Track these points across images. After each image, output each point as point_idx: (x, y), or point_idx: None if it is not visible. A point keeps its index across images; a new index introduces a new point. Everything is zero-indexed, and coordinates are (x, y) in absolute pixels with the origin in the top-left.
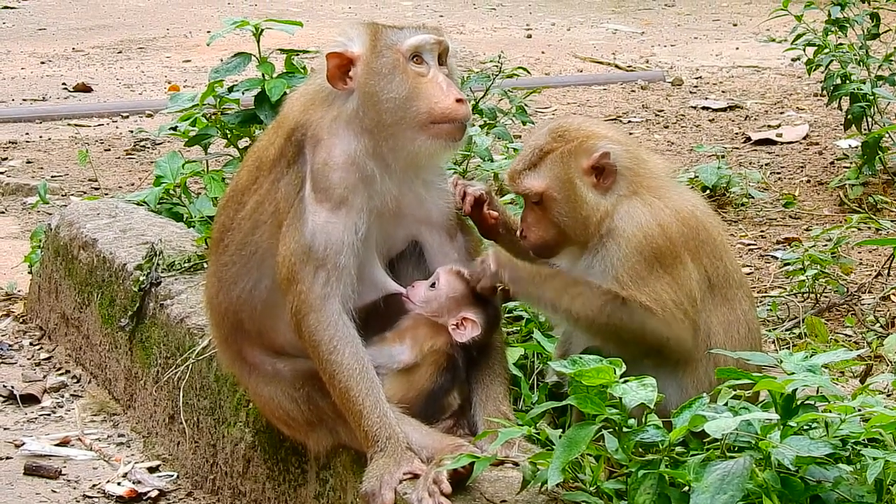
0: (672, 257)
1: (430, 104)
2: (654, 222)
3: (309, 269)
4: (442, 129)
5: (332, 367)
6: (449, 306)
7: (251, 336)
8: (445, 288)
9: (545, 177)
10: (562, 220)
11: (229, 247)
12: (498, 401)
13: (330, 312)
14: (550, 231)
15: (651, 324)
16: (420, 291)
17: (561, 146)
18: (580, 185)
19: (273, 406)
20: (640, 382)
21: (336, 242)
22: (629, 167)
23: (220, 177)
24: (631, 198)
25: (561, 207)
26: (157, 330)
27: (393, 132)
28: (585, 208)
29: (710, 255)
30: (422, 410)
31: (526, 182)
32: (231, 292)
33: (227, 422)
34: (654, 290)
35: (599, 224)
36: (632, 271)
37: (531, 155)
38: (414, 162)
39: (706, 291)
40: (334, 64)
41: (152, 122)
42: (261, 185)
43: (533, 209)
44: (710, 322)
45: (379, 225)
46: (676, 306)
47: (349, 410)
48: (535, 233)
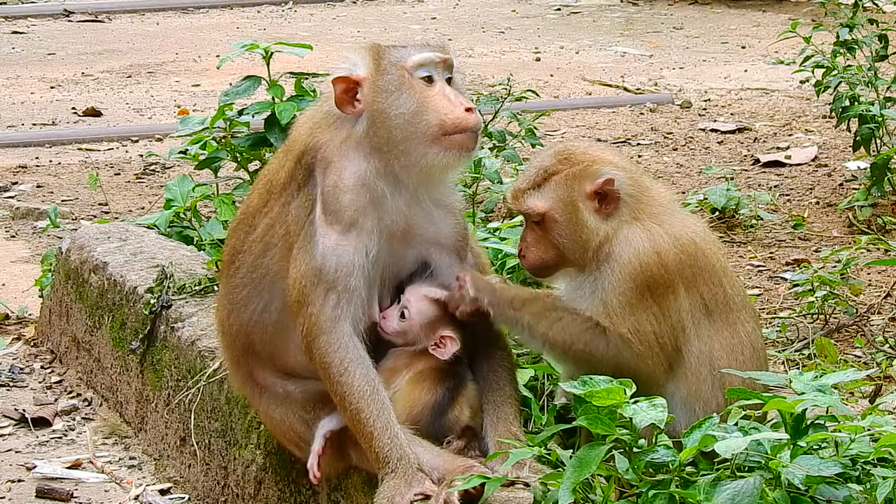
0: (665, 286)
1: (440, 116)
2: (652, 250)
3: (319, 292)
4: (455, 140)
5: (342, 388)
6: (425, 332)
7: (262, 358)
8: (417, 317)
9: (548, 198)
10: (561, 242)
11: (240, 269)
12: (508, 422)
13: (340, 334)
14: (549, 252)
15: (626, 356)
16: (392, 323)
17: (566, 169)
18: (582, 209)
19: (284, 428)
20: (650, 403)
21: (347, 264)
22: (632, 194)
23: (230, 200)
24: (632, 224)
25: (561, 229)
26: (168, 353)
27: (404, 149)
28: (585, 232)
29: (708, 281)
30: (430, 425)
31: (528, 202)
32: (242, 315)
33: (239, 444)
34: (638, 320)
35: (598, 248)
36: (622, 298)
37: (536, 175)
38: (428, 177)
39: (703, 318)
40: (341, 88)
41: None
42: (271, 207)
43: (533, 229)
44: (711, 347)
45: (389, 246)
46: (656, 339)
47: (360, 432)
48: (534, 253)
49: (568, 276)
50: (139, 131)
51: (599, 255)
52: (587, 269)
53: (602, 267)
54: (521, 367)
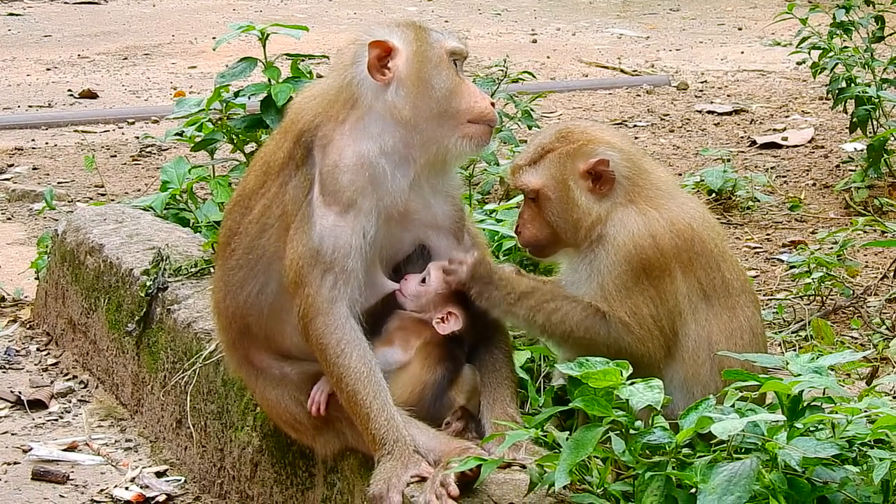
0: (661, 270)
1: (470, 103)
2: (647, 232)
3: (316, 273)
4: (476, 130)
5: (339, 370)
6: (436, 301)
7: (258, 340)
8: (435, 283)
9: (542, 175)
10: (554, 221)
11: (236, 251)
12: (505, 404)
13: (337, 315)
14: (544, 230)
15: (627, 340)
16: (412, 285)
17: (562, 147)
18: (574, 188)
19: (280, 410)
20: (646, 385)
21: (344, 246)
22: (628, 176)
23: (226, 181)
24: (626, 206)
25: (554, 207)
26: (164, 335)
27: (430, 125)
28: (577, 211)
29: (706, 266)
30: (428, 405)
31: (524, 178)
32: (238, 296)
33: (235, 426)
34: (635, 303)
35: (590, 229)
36: (618, 281)
37: (533, 152)
38: (441, 159)
39: (700, 303)
40: (375, 54)
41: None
42: (268, 188)
43: (529, 206)
44: (710, 331)
45: (386, 228)
46: (654, 323)
47: (356, 413)
48: (530, 230)
49: (566, 256)
50: (135, 113)
51: (592, 235)
52: (581, 250)
53: (596, 249)
54: (517, 349)
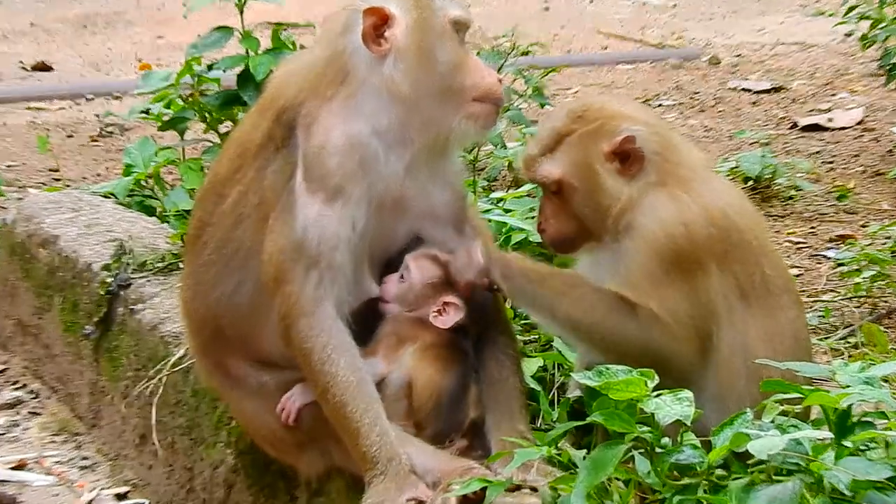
0: (694, 263)
1: (476, 78)
2: (679, 220)
3: (299, 269)
4: (481, 110)
5: (325, 378)
6: (425, 294)
7: (233, 345)
8: (417, 275)
9: (563, 162)
10: (582, 212)
11: (208, 244)
12: (513, 418)
13: (323, 317)
14: (571, 224)
15: (658, 337)
16: (391, 287)
17: (580, 128)
18: (601, 172)
19: (258, 424)
20: (674, 396)
21: (331, 238)
22: (658, 152)
23: (197, 165)
24: (657, 189)
25: (581, 197)
26: (127, 338)
27: (431, 103)
28: (606, 197)
29: (743, 260)
30: (445, 415)
31: (542, 169)
32: (210, 295)
33: (206, 442)
34: (667, 296)
35: (620, 216)
36: (647, 273)
37: (547, 138)
38: (442, 141)
39: (736, 302)
40: (371, 22)
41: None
42: (244, 173)
43: (551, 199)
44: (746, 335)
45: (378, 218)
46: (689, 319)
47: (345, 428)
48: (554, 226)
49: (589, 250)
50: (95, 88)
51: (620, 224)
52: (606, 239)
53: (624, 239)
54: (527, 356)
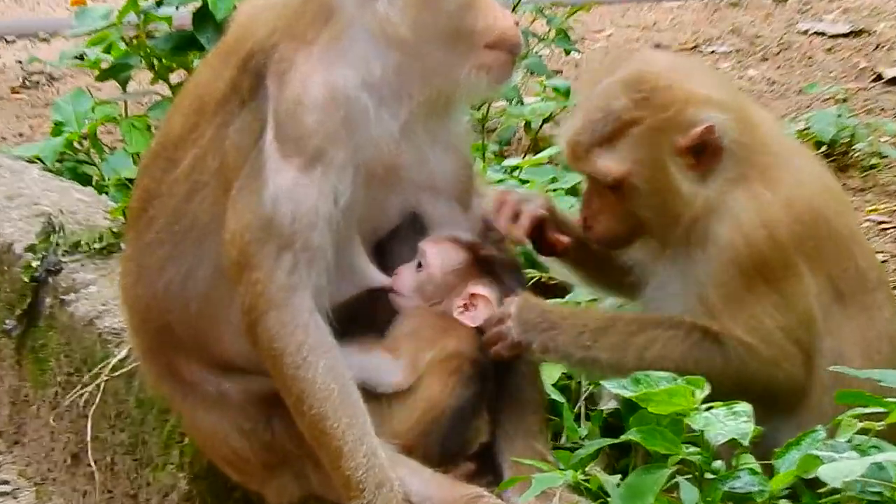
0: (781, 268)
1: (489, 20)
2: (760, 223)
3: (269, 251)
4: (494, 59)
5: (299, 386)
6: (448, 285)
7: (186, 344)
8: (437, 263)
9: (626, 158)
10: (643, 214)
11: (156, 220)
12: (530, 435)
13: (298, 310)
14: (626, 223)
15: (754, 365)
16: (406, 278)
17: (648, 116)
18: (673, 171)
19: (218, 441)
20: (728, 410)
21: (308, 213)
22: (739, 140)
23: (143, 124)
24: (735, 187)
25: (644, 199)
26: (57, 336)
27: (435, 50)
28: (678, 201)
29: (836, 255)
30: (445, 439)
31: (600, 163)
32: (158, 283)
33: (154, 463)
34: (754, 316)
35: (693, 223)
36: (728, 293)
37: (605, 123)
38: (446, 96)
39: (832, 305)
40: None
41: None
42: (202, 133)
43: (603, 195)
44: (841, 341)
45: (366, 190)
46: (786, 336)
47: (324, 446)
48: (604, 224)
49: (647, 249)
50: (17, 29)
51: (692, 232)
52: (673, 245)
53: (692, 250)
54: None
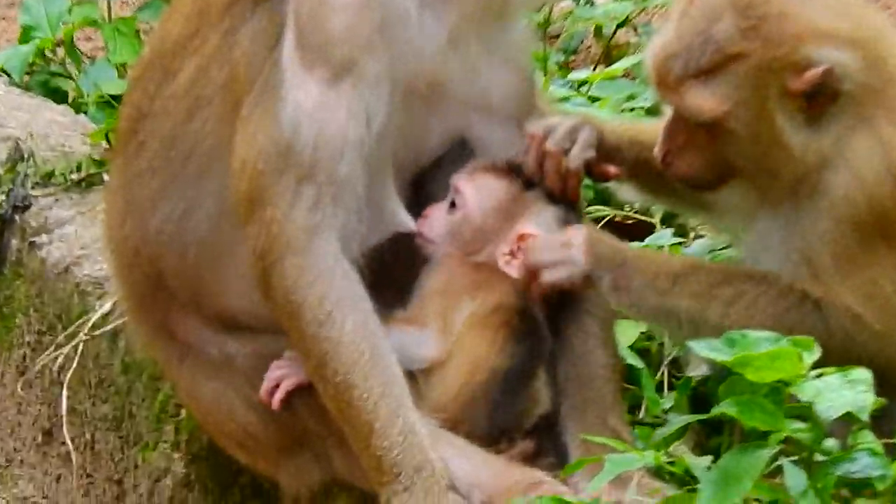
0: None
1: None
2: (885, 171)
3: (287, 183)
4: None
5: (322, 347)
6: (490, 228)
7: (184, 296)
8: (474, 201)
9: (725, 97)
10: (740, 162)
11: (148, 145)
12: (602, 408)
13: (320, 256)
14: (715, 167)
15: (861, 339)
16: (437, 221)
17: (756, 51)
18: (780, 117)
19: (221, 415)
20: (843, 377)
21: (334, 137)
22: (864, 82)
23: (131, 28)
24: (857, 131)
25: (744, 146)
26: (25, 286)
27: None
28: (784, 153)
29: None
30: (496, 410)
31: (692, 98)
32: (149, 222)
33: (143, 442)
34: (870, 280)
35: (803, 176)
36: (841, 254)
37: (703, 52)
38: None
39: None
40: None
41: None
42: (205, 39)
43: (692, 131)
44: None
45: (406, 111)
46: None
47: (351, 421)
48: (688, 163)
49: (740, 193)
50: None
51: (801, 183)
52: (774, 195)
53: (803, 203)
54: (623, 318)
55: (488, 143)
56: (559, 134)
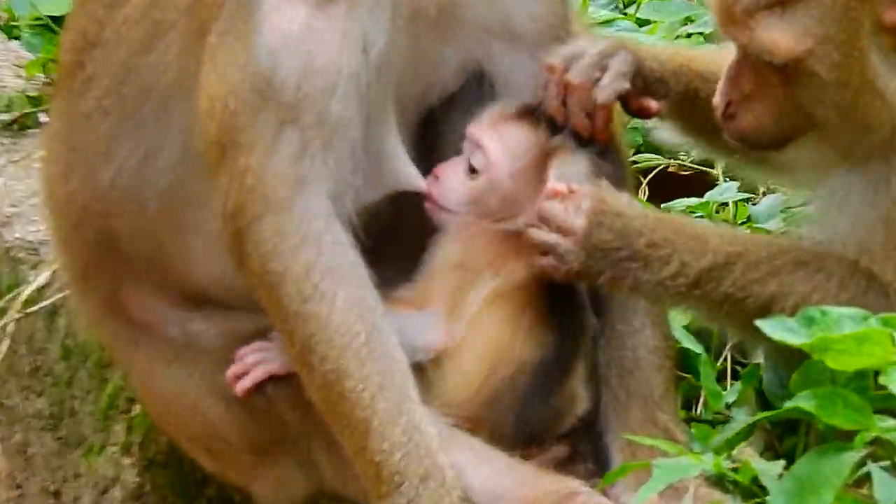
0: None
1: None
2: None
3: (266, 125)
4: None
5: (308, 328)
6: (523, 190)
7: (140, 265)
8: (502, 160)
9: (806, 33)
10: (821, 113)
11: (97, 80)
12: (650, 402)
13: (306, 215)
14: (787, 119)
15: None
16: (453, 185)
17: None
18: (874, 58)
19: (184, 411)
20: None
21: (324, 70)
22: None
23: None
24: None
25: (827, 92)
26: None
27: None
28: (879, 100)
29: None
30: (523, 410)
31: (766, 33)
32: (99, 174)
33: (87, 444)
34: None
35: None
36: None
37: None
38: None
39: None
40: None
41: None
42: None
43: (763, 76)
44: None
45: (411, 37)
46: None
47: (343, 419)
48: (756, 115)
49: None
50: None
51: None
52: (857, 154)
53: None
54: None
55: (512, 79)
56: (585, 62)
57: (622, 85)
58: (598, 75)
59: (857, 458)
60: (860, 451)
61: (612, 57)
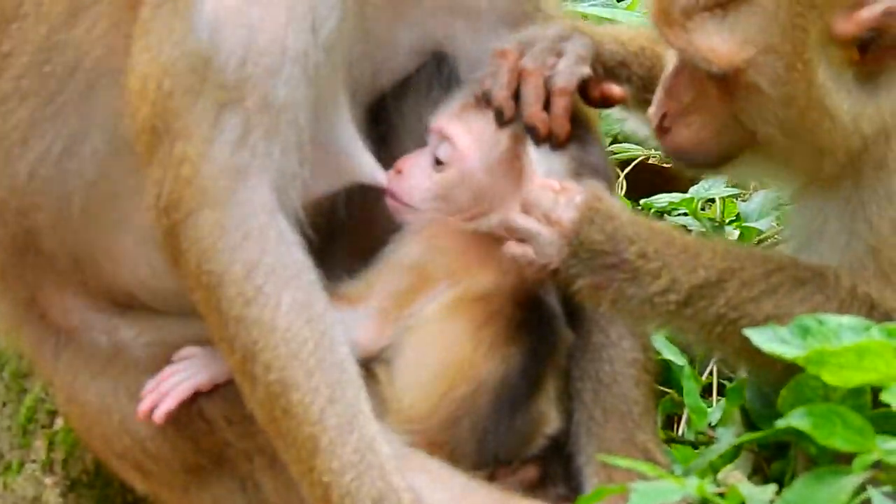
0: None
1: None
2: None
3: (204, 109)
4: None
5: (249, 334)
6: (499, 185)
7: (62, 265)
8: (473, 152)
9: (748, 40)
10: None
11: (14, 60)
12: (628, 420)
13: (249, 210)
14: (727, 135)
15: None
16: (418, 181)
17: None
18: (824, 71)
19: (111, 427)
20: None
21: (268, 48)
22: None
23: None
24: None
25: (769, 107)
26: None
27: None
28: (828, 119)
29: None
30: (488, 429)
31: (704, 39)
32: (16, 164)
33: (4, 462)
34: None
35: (861, 150)
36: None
37: None
38: None
39: None
40: None
41: None
42: None
43: (701, 86)
44: None
45: (361, 17)
46: None
47: (289, 435)
48: (692, 130)
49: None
50: None
51: (865, 160)
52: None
53: (868, 182)
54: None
55: (475, 60)
56: (540, 46)
57: (581, 69)
58: (553, 60)
59: (856, 482)
60: (860, 475)
61: (568, 40)
